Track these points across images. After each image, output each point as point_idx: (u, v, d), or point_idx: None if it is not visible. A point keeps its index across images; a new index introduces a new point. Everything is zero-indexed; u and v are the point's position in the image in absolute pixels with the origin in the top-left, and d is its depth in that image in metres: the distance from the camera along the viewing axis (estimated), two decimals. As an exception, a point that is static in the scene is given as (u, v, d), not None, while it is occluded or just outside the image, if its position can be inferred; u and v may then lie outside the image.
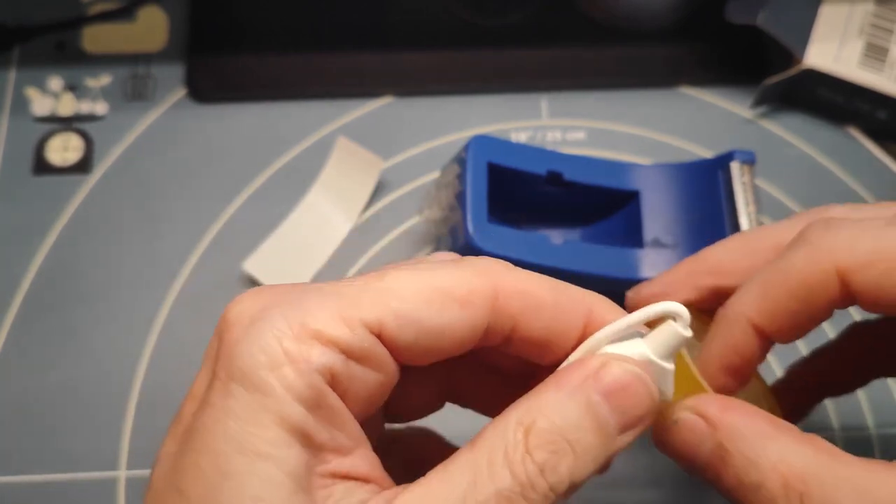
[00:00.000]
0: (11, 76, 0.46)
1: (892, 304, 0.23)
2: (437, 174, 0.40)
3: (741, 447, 0.22)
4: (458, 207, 0.36)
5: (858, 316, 0.37)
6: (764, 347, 0.25)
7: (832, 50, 0.44)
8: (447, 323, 0.21)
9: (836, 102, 0.45)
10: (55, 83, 0.46)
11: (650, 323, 0.23)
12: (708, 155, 0.44)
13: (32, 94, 0.45)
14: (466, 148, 0.37)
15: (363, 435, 0.21)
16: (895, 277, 0.23)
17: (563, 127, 0.45)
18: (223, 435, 0.20)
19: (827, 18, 0.45)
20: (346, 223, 0.42)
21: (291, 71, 0.46)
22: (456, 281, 0.22)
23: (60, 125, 0.45)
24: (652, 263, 0.37)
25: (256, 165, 0.44)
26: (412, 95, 0.46)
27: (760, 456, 0.22)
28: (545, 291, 0.23)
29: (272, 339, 0.20)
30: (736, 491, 0.22)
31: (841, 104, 0.45)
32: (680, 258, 0.33)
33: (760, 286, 0.25)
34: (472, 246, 0.35)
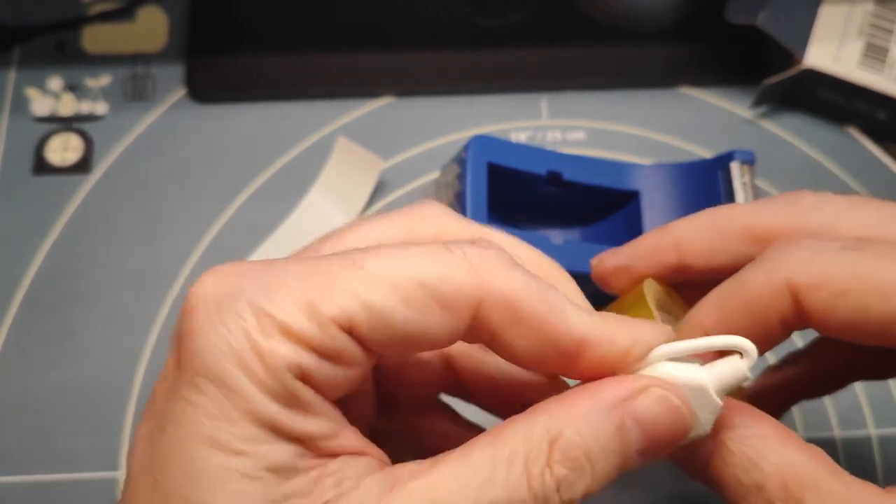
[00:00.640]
0: (11, 76, 0.46)
1: (841, 327, 0.23)
2: (437, 174, 0.40)
3: (744, 447, 0.22)
4: (457, 207, 0.36)
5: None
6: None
7: (832, 50, 0.44)
8: (423, 325, 0.20)
9: (835, 102, 0.45)
10: (55, 83, 0.46)
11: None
12: (708, 155, 0.44)
13: (32, 94, 0.45)
14: (466, 148, 0.37)
15: (344, 419, 0.21)
16: (844, 300, 0.23)
17: (563, 127, 0.45)
18: (196, 432, 0.19)
19: (827, 18, 0.45)
20: (346, 223, 0.42)
21: (291, 71, 0.46)
22: (443, 275, 0.20)
23: (60, 125, 0.45)
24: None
25: (256, 165, 0.44)
26: (412, 95, 0.46)
27: (763, 457, 0.22)
28: (536, 305, 0.21)
29: (237, 329, 0.19)
30: (734, 491, 0.22)
31: (841, 104, 0.45)
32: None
33: (718, 298, 0.25)
34: (471, 246, 0.35)
